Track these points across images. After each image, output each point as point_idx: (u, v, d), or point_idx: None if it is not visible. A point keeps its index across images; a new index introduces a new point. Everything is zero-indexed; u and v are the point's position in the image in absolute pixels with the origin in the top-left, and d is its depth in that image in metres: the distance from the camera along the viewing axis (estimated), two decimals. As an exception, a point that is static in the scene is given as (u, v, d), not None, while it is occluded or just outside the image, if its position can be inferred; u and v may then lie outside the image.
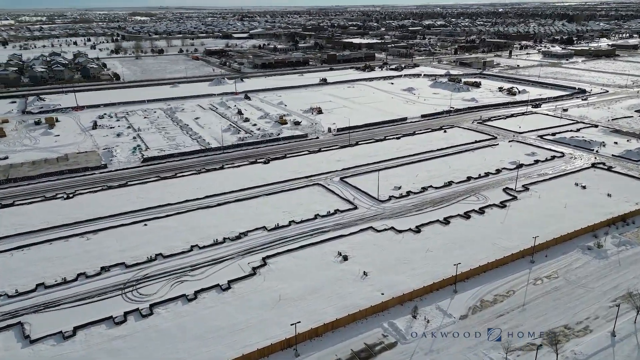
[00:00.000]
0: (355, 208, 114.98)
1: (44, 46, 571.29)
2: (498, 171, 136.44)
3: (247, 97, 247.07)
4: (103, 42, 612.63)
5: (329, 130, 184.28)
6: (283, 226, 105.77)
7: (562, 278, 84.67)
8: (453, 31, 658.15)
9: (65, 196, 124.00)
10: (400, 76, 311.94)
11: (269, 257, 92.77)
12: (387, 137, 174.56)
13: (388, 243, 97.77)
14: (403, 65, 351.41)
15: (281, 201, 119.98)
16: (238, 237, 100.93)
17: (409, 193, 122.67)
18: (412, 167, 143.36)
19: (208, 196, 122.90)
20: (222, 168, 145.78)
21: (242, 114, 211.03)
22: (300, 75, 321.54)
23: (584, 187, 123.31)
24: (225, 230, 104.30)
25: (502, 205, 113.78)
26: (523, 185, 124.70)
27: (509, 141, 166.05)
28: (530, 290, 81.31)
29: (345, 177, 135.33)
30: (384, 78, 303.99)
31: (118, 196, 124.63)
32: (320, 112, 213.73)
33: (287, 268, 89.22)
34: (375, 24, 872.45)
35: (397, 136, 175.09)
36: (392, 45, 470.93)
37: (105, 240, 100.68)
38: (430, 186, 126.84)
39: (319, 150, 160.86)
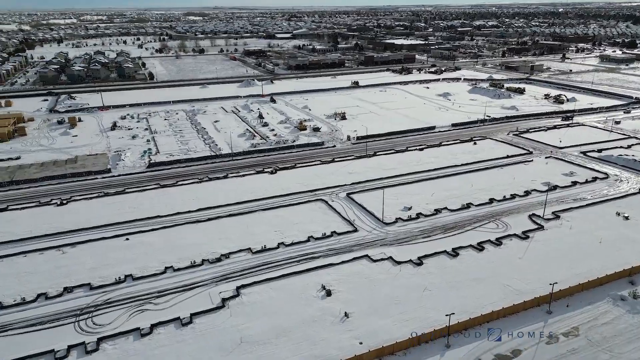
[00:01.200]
0: (355, 230, 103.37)
1: (94, 44, 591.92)
2: (527, 193, 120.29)
3: (272, 100, 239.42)
4: (150, 41, 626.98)
5: (348, 138, 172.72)
6: (270, 249, 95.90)
7: (584, 337, 69.66)
8: (504, 32, 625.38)
9: (58, 202, 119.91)
10: (437, 80, 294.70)
11: (244, 286, 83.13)
12: (409, 148, 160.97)
13: (382, 277, 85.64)
14: (443, 69, 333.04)
15: (277, 218, 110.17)
16: (218, 260, 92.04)
17: (419, 215, 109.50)
18: (430, 183, 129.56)
19: (201, 209, 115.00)
20: (225, 177, 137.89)
21: (263, 118, 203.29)
22: (333, 77, 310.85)
23: (627, 218, 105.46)
24: (207, 250, 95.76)
25: (524, 236, 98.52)
26: (553, 212, 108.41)
27: (546, 157, 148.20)
28: (542, 351, 67.06)
29: (353, 192, 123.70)
30: (420, 82, 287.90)
31: (111, 205, 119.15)
32: (343, 117, 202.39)
33: (261, 302, 79.18)
34: (422, 24, 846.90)
35: (421, 147, 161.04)
36: (436, 46, 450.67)
37: (81, 255, 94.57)
38: (445, 208, 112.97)
39: (332, 161, 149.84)
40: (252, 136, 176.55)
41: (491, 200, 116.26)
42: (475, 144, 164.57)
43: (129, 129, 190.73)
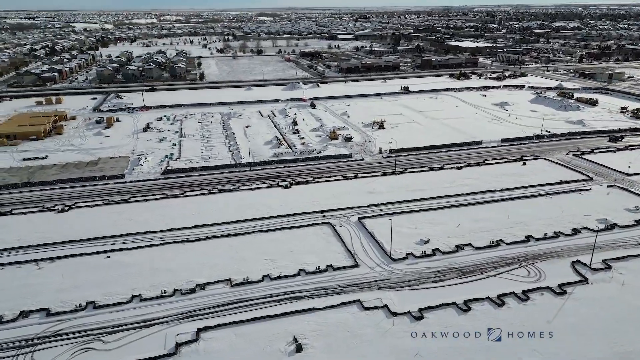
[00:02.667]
0: (356, 266, 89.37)
1: (163, 44, 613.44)
2: (575, 232, 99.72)
3: (312, 105, 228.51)
4: (215, 41, 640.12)
5: (380, 151, 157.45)
6: (252, 282, 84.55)
7: None
8: (586, 35, 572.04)
9: (60, 209, 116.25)
10: (498, 87, 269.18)
11: (207, 328, 72.25)
12: (445, 166, 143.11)
13: (369, 332, 71.26)
14: (507, 74, 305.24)
15: (273, 243, 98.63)
16: (192, 291, 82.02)
17: (435, 252, 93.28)
18: (459, 211, 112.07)
19: (197, 226, 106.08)
20: (236, 190, 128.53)
21: (296, 124, 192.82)
22: (383, 81, 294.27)
23: None
24: (186, 276, 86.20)
25: (560, 290, 79.54)
26: (604, 261, 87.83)
27: (608, 186, 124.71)
28: None
29: (366, 217, 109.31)
30: (478, 89, 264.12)
31: (110, 215, 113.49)
32: (381, 127, 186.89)
33: (218, 351, 67.84)
34: (495, 25, 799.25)
35: (459, 165, 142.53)
36: (504, 49, 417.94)
37: (54, 273, 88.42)
38: (469, 244, 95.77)
39: (355, 176, 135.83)
40: (278, 144, 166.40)
41: (528, 238, 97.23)
42: (524, 164, 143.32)
43: (160, 131, 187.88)
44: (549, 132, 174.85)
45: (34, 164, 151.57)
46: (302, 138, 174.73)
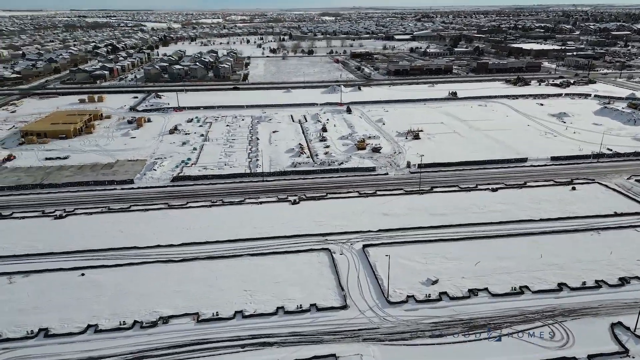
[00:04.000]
0: (344, 307, 76.82)
1: (220, 43, 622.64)
2: (623, 282, 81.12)
3: (348, 110, 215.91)
4: (270, 41, 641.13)
5: (408, 165, 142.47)
6: (221, 319, 74.43)
7: None
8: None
9: (57, 215, 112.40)
10: (559, 95, 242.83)
11: (152, 375, 63.14)
12: (479, 186, 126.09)
13: (335, 398, 58.93)
14: (572, 81, 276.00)
15: (259, 270, 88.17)
16: (153, 324, 73.27)
17: (441, 296, 78.69)
18: (482, 244, 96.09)
19: (185, 244, 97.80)
20: (241, 203, 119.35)
21: (326, 131, 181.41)
22: (431, 86, 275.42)
23: None
24: (152, 305, 77.76)
25: (590, 365, 62.95)
26: (656, 326, 69.56)
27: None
28: None
29: (372, 244, 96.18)
30: (535, 96, 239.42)
31: (104, 224, 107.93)
32: (416, 136, 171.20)
33: (153, 407, 58.42)
34: (568, 26, 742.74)
35: (495, 187, 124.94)
36: (573, 53, 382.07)
37: (23, 289, 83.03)
38: (486, 289, 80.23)
39: (373, 194, 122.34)
40: (299, 153, 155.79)
41: (560, 287, 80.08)
42: (573, 189, 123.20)
43: (186, 134, 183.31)
44: (611, 150, 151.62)
45: (54, 164, 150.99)
46: (328, 147, 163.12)
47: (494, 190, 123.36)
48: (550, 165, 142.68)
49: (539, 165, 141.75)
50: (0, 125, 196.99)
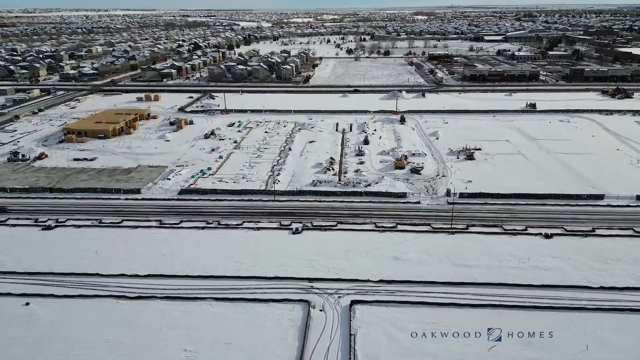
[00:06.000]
0: (291, 394, 58.98)
1: (300, 43, 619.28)
2: None
3: (402, 120, 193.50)
4: (350, 41, 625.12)
5: (448, 193, 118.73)
6: (137, 388, 60.30)
7: None
8: None
9: (45, 226, 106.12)
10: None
11: None
12: (528, 229, 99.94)
13: None
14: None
15: (215, 321, 72.86)
16: (60, 384, 61.15)
17: (424, 396, 57.66)
18: (508, 316, 72.31)
19: (150, 275, 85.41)
20: (237, 227, 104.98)
21: (367, 144, 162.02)
22: (509, 94, 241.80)
23: None
24: (75, 356, 65.77)
25: None
26: None
27: None
28: None
29: (364, 301, 76.60)
30: (636, 112, 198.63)
31: (86, 241, 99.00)
32: (470, 156, 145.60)
33: None
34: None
35: (549, 233, 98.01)
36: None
37: (-40, 315, 75.73)
38: (492, 394, 57.73)
39: (393, 228, 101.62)
40: (326, 169, 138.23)
41: (605, 407, 55.26)
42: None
43: (220, 139, 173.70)
44: None
45: (79, 165, 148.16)
46: (362, 163, 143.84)
47: (547, 236, 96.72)
48: (634, 206, 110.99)
49: (618, 206, 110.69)
50: (54, 121, 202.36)
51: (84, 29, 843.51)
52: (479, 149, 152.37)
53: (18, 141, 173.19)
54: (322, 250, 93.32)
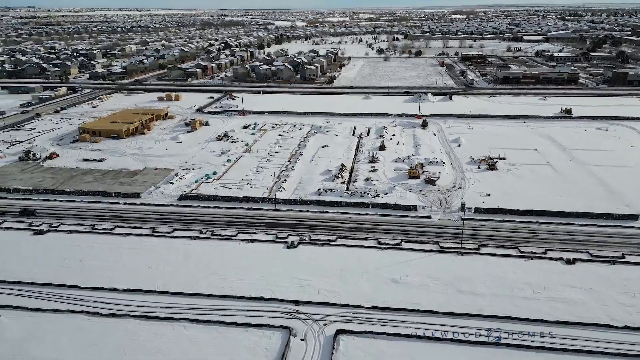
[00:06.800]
0: None
1: (332, 42, 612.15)
2: None
3: (424, 125, 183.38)
4: (383, 41, 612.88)
5: (462, 207, 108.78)
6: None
7: None
8: None
9: (38, 230, 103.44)
10: None
11: None
12: (548, 252, 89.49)
13: None
14: None
15: (186, 347, 66.98)
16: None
17: None
18: (517, 358, 63.09)
19: (129, 290, 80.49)
20: (230, 238, 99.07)
21: (383, 149, 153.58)
22: (543, 99, 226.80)
23: None
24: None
25: None
26: None
27: None
28: None
29: (350, 331, 68.91)
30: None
31: (72, 247, 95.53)
32: (492, 167, 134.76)
33: None
34: None
35: (572, 257, 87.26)
36: None
37: None
38: None
39: (396, 246, 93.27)
40: (335, 177, 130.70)
41: None
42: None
43: (232, 142, 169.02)
44: None
45: (87, 166, 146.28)
46: (374, 170, 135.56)
47: (569, 262, 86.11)
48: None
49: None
50: (74, 120, 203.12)
51: (123, 28, 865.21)
52: (503, 158, 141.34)
53: (34, 140, 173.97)
54: (315, 268, 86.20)
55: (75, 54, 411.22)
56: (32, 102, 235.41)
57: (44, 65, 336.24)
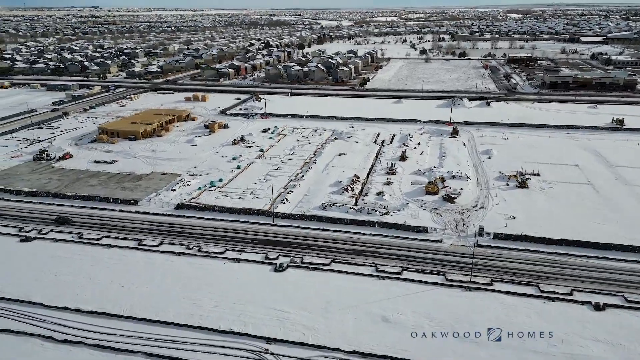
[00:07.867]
0: None
1: (374, 42, 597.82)
2: None
3: (454, 133, 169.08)
4: (428, 41, 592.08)
5: (480, 231, 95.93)
6: None
7: None
8: None
9: (25, 237, 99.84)
10: None
11: None
12: (574, 293, 75.56)
13: None
14: None
15: (131, 388, 59.62)
16: None
17: None
18: None
19: (94, 313, 74.20)
20: (216, 256, 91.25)
21: (404, 159, 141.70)
22: (593, 106, 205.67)
23: None
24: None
25: None
26: None
27: None
28: None
29: (319, 384, 59.21)
30: None
31: (51, 259, 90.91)
32: (523, 184, 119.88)
33: None
34: None
35: (602, 301, 72.96)
36: None
37: None
38: None
39: (395, 276, 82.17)
40: (344, 189, 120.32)
41: None
42: None
43: (247, 146, 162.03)
44: None
45: (97, 168, 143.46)
46: (389, 183, 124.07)
47: (598, 307, 72.02)
48: None
49: None
50: (99, 119, 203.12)
51: (173, 27, 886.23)
52: (537, 175, 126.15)
53: (54, 139, 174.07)
54: (299, 299, 76.74)
55: (118, 52, 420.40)
56: (65, 100, 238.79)
57: (86, 63, 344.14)
